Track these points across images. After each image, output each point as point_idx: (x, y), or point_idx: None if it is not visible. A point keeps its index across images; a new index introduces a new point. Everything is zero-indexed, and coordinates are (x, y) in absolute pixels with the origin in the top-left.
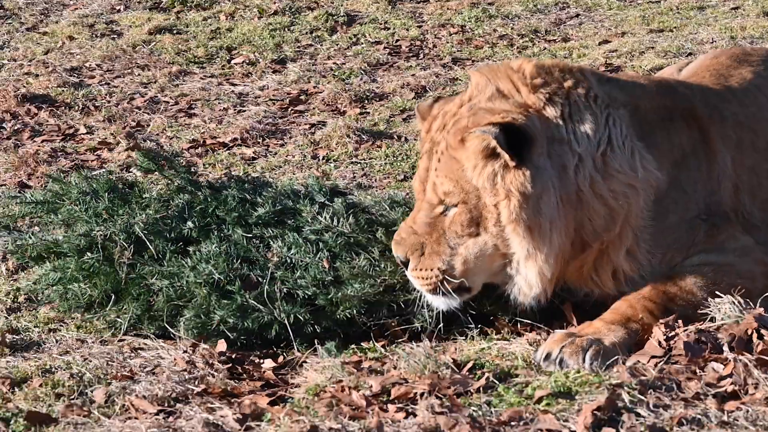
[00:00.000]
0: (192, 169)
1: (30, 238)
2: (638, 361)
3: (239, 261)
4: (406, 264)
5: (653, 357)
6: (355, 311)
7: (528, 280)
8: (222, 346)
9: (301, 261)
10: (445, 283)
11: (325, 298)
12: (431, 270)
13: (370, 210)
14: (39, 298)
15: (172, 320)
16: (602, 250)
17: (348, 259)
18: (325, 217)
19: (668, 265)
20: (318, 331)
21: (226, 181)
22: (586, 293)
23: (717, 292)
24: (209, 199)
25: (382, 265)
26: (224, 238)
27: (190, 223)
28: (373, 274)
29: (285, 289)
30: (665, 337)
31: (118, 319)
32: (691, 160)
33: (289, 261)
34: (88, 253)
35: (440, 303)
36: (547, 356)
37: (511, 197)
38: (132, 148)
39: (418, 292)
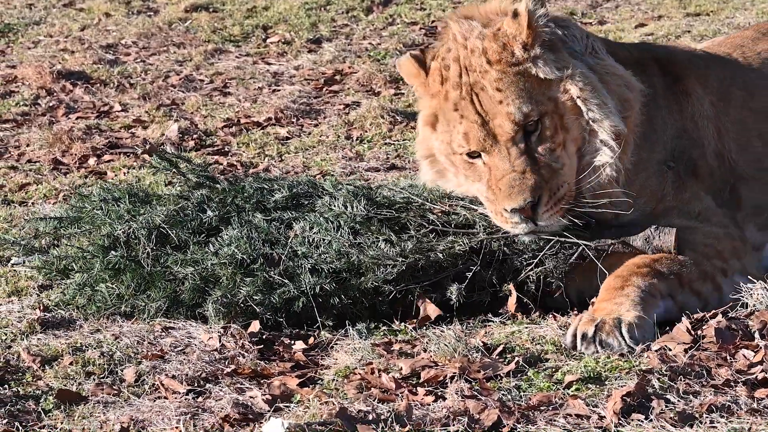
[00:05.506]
0: (208, 167)
1: (55, 251)
2: (665, 346)
3: (261, 242)
4: (535, 206)
5: (680, 343)
6: (380, 281)
7: (605, 142)
8: (255, 326)
9: (323, 239)
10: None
11: (349, 264)
12: (560, 190)
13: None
14: (69, 305)
15: (201, 305)
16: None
17: (368, 234)
18: (338, 205)
19: (642, 212)
20: (344, 301)
21: (243, 177)
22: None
23: (690, 250)
24: (227, 190)
25: (404, 237)
26: (245, 224)
27: (210, 213)
28: (392, 252)
29: (309, 265)
30: (692, 323)
31: (148, 306)
32: (661, 99)
33: (311, 239)
34: (113, 252)
35: (561, 224)
36: (584, 336)
37: (574, 72)
38: (148, 152)
39: (443, 253)
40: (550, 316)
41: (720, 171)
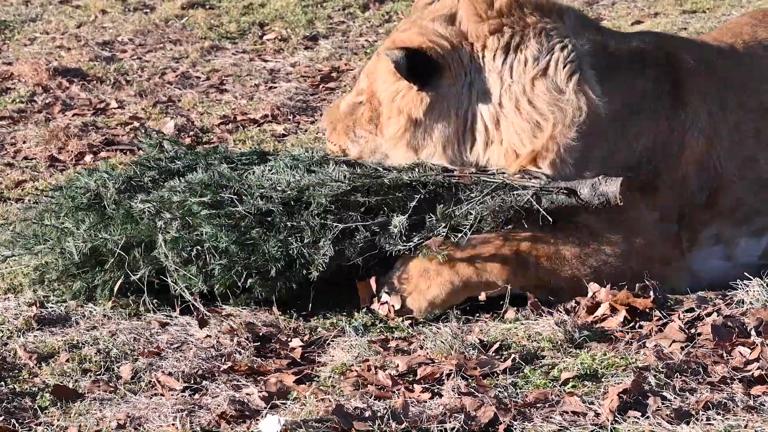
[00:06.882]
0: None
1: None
2: (658, 344)
3: (219, 179)
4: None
5: (674, 341)
6: (324, 206)
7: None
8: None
9: (280, 179)
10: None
11: (299, 191)
12: (337, 146)
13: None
14: (44, 281)
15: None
16: (533, 159)
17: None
18: (298, 150)
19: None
20: (290, 225)
21: None
22: None
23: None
24: (200, 152)
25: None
26: (209, 168)
27: (179, 162)
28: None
29: (258, 193)
30: (685, 322)
31: (109, 244)
32: (649, 104)
33: (268, 178)
34: (81, 195)
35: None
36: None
37: (400, 117)
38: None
39: (390, 181)
40: (546, 313)
41: (695, 179)
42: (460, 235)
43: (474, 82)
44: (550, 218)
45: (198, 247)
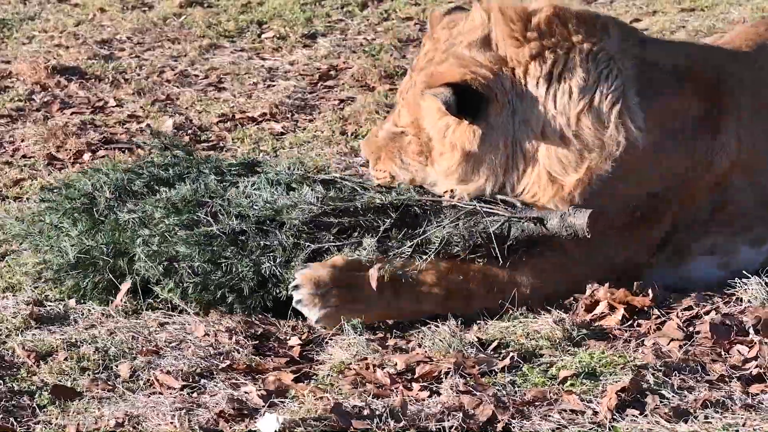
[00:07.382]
0: (194, 153)
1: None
2: (656, 342)
3: (203, 194)
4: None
5: (673, 340)
6: (297, 226)
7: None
8: None
9: (261, 195)
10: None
11: (274, 212)
12: (385, 172)
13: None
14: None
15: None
16: (573, 188)
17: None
18: (282, 167)
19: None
20: (266, 244)
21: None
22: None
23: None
24: (194, 159)
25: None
26: (196, 181)
27: (171, 171)
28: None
29: (235, 211)
30: (684, 320)
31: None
32: (687, 130)
33: (248, 194)
34: (75, 200)
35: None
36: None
37: (454, 152)
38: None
39: (362, 204)
40: (545, 311)
41: (706, 197)
42: (425, 257)
43: (516, 110)
44: (500, 259)
45: (174, 263)
